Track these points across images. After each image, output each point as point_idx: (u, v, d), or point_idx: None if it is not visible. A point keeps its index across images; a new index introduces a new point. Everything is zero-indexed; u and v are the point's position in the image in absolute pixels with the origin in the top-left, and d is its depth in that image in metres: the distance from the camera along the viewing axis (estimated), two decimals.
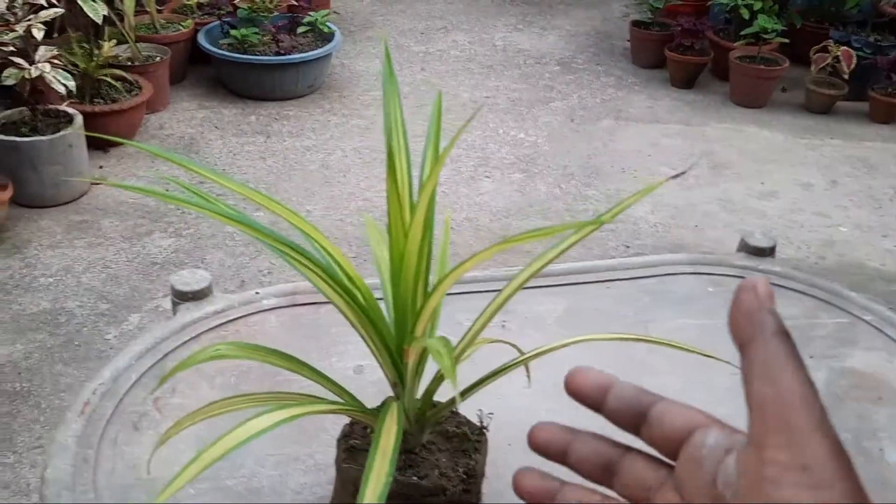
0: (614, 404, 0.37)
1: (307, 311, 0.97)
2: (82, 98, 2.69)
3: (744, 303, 0.32)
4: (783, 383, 0.30)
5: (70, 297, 2.10)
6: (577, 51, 3.83)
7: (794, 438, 0.29)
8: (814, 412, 0.29)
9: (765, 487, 0.30)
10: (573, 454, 0.38)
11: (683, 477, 0.34)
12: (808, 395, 0.30)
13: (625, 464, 0.37)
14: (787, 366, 0.30)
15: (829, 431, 0.29)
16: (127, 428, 0.79)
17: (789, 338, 0.31)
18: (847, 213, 2.64)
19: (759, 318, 0.31)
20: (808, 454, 0.29)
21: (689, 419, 0.35)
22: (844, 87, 3.25)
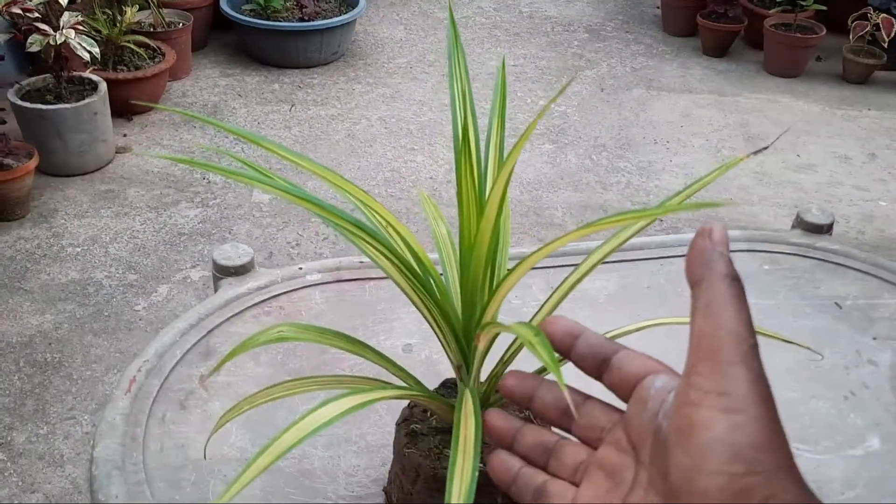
0: (581, 350, 0.40)
1: (352, 287, 0.94)
2: (105, 65, 2.66)
3: (697, 246, 0.35)
4: (720, 320, 0.33)
5: (98, 268, 2.08)
6: (605, 18, 3.75)
7: (719, 368, 0.32)
8: (741, 347, 0.32)
9: (686, 409, 0.32)
10: (538, 400, 0.42)
11: (631, 414, 0.38)
12: (740, 332, 0.32)
13: (583, 409, 0.41)
14: (727, 306, 0.33)
15: (752, 364, 0.32)
16: (174, 406, 0.76)
17: (736, 281, 0.34)
18: (887, 187, 2.58)
19: (710, 260, 0.34)
20: (728, 382, 0.32)
21: (644, 365, 0.38)
22: (883, 56, 3.16)
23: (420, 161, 2.60)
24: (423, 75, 3.14)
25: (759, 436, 0.31)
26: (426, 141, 2.71)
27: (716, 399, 0.31)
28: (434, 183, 2.49)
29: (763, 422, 0.31)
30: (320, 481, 0.72)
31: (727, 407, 0.31)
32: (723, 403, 0.31)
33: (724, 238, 0.34)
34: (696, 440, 0.31)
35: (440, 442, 0.62)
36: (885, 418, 0.81)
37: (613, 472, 0.38)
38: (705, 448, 0.31)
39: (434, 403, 0.59)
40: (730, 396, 0.31)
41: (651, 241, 1.05)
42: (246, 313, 0.89)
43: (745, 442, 0.31)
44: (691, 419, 0.32)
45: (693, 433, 0.32)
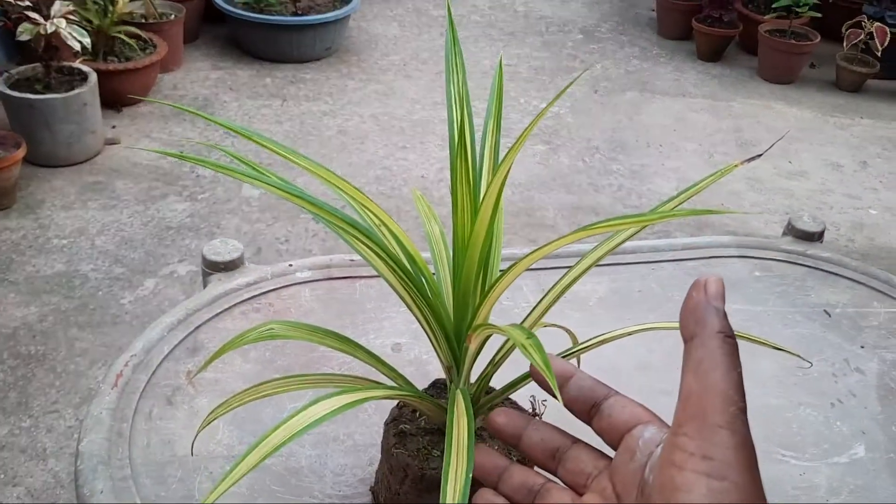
0: (572, 392, 0.40)
1: (342, 285, 0.94)
2: (95, 56, 2.64)
3: (692, 300, 0.34)
4: (709, 381, 0.32)
5: (84, 260, 2.07)
6: (600, 19, 3.75)
7: (705, 431, 0.32)
8: (729, 410, 0.32)
9: (669, 470, 0.32)
10: (525, 439, 0.42)
11: (618, 464, 0.38)
12: (728, 394, 0.32)
13: (571, 453, 0.41)
14: (718, 365, 0.32)
15: (738, 428, 0.32)
16: (161, 402, 0.76)
17: (730, 338, 0.33)
18: (877, 196, 2.59)
19: (704, 316, 0.33)
20: (712, 447, 0.31)
21: (633, 414, 0.38)
22: (876, 65, 3.18)
23: (412, 159, 2.59)
24: (416, 73, 3.13)
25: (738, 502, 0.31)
26: (418, 139, 2.70)
27: (699, 462, 0.31)
28: (425, 181, 2.48)
29: (744, 490, 0.31)
30: (307, 480, 0.71)
31: (710, 472, 0.31)
32: (705, 468, 0.31)
33: (720, 292, 0.34)
34: (677, 500, 0.32)
35: (429, 442, 0.61)
36: (871, 427, 0.81)
37: None
38: None
39: (424, 404, 0.59)
40: (713, 462, 0.31)
41: (643, 244, 1.05)
42: (235, 309, 0.88)
43: None
44: (674, 480, 0.32)
45: (675, 495, 0.32)
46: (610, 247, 0.61)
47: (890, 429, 0.82)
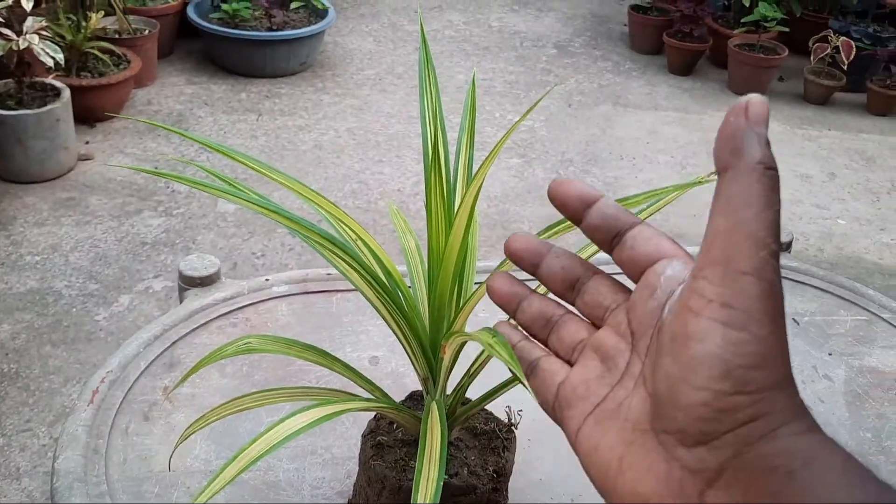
0: (594, 219, 0.36)
1: (319, 299, 0.94)
2: (68, 71, 2.62)
3: (730, 125, 0.29)
4: (739, 219, 0.28)
5: (58, 277, 2.05)
6: (574, 34, 3.79)
7: (728, 276, 0.28)
8: (758, 254, 0.28)
9: (684, 315, 0.29)
10: (545, 267, 0.38)
11: (636, 300, 0.34)
12: (760, 236, 0.28)
13: (590, 284, 0.38)
14: (753, 201, 0.28)
15: (765, 275, 0.28)
16: (137, 418, 0.76)
17: (770, 170, 0.28)
18: (845, 206, 2.64)
19: (742, 143, 0.28)
20: (734, 294, 0.28)
21: (658, 247, 0.34)
22: (843, 78, 3.24)
23: (388, 173, 2.60)
24: (391, 87, 3.15)
25: (756, 356, 0.28)
26: (394, 153, 2.71)
27: (718, 310, 0.28)
28: (402, 195, 2.49)
29: (764, 341, 0.28)
30: (285, 493, 0.71)
31: (728, 321, 0.28)
32: (724, 316, 0.28)
33: (764, 115, 0.29)
34: (688, 350, 0.29)
35: (406, 454, 0.62)
36: (840, 432, 0.83)
37: (607, 356, 0.35)
38: (696, 361, 0.29)
39: (400, 416, 0.60)
40: (733, 311, 0.28)
41: None
42: (212, 324, 0.88)
43: (739, 361, 0.28)
44: (687, 328, 0.29)
45: (687, 343, 0.29)
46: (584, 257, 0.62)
47: (857, 434, 0.84)
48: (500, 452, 0.65)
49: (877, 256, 2.41)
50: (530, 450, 0.78)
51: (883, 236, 2.50)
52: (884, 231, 2.53)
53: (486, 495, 0.63)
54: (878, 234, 2.51)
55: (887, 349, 0.97)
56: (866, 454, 0.81)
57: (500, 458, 0.65)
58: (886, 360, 0.95)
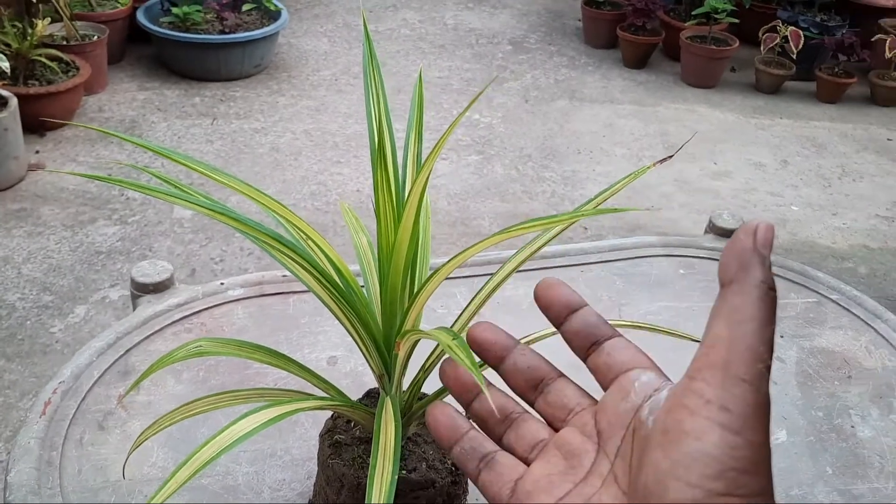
0: (576, 325, 0.38)
1: (275, 302, 0.94)
2: (15, 80, 2.57)
3: (738, 243, 0.31)
4: (741, 331, 0.30)
5: (10, 290, 2.00)
6: (528, 30, 3.82)
7: (727, 381, 0.29)
8: (756, 366, 0.29)
9: (679, 412, 0.30)
10: (510, 363, 0.39)
11: (607, 402, 0.36)
12: (758, 350, 0.30)
13: (555, 386, 0.39)
14: (754, 317, 0.30)
15: (762, 388, 0.30)
16: (92, 428, 0.74)
17: (772, 291, 0.30)
18: (798, 192, 2.70)
19: (749, 262, 0.30)
20: (733, 398, 0.29)
21: (634, 358, 0.36)
22: (793, 67, 3.31)
23: (346, 173, 2.59)
24: (348, 87, 3.14)
25: (749, 461, 0.29)
26: (352, 153, 2.70)
27: (715, 412, 0.29)
28: (360, 195, 2.48)
29: (757, 449, 0.29)
30: (245, 497, 0.71)
31: (725, 423, 0.29)
32: (722, 418, 0.29)
33: (770, 239, 0.31)
34: (682, 447, 0.30)
35: (364, 452, 0.62)
36: (792, 412, 0.85)
37: (572, 454, 0.36)
38: (691, 457, 0.29)
39: (356, 413, 0.59)
40: (731, 414, 0.29)
41: (571, 248, 1.08)
42: (166, 331, 0.87)
43: (733, 464, 0.29)
44: (683, 425, 0.30)
45: (681, 440, 0.30)
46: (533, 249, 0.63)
47: (809, 413, 0.86)
48: None
49: (829, 241, 2.46)
50: None
51: (835, 221, 2.56)
52: (835, 216, 2.59)
53: (446, 489, 0.63)
54: (830, 219, 2.57)
55: (836, 329, 0.99)
56: (818, 433, 0.83)
57: None
58: (836, 341, 0.97)
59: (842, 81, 3.28)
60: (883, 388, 0.90)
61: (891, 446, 0.82)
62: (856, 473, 0.79)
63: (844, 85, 3.29)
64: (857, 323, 1.00)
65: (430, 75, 3.29)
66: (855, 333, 0.98)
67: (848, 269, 2.33)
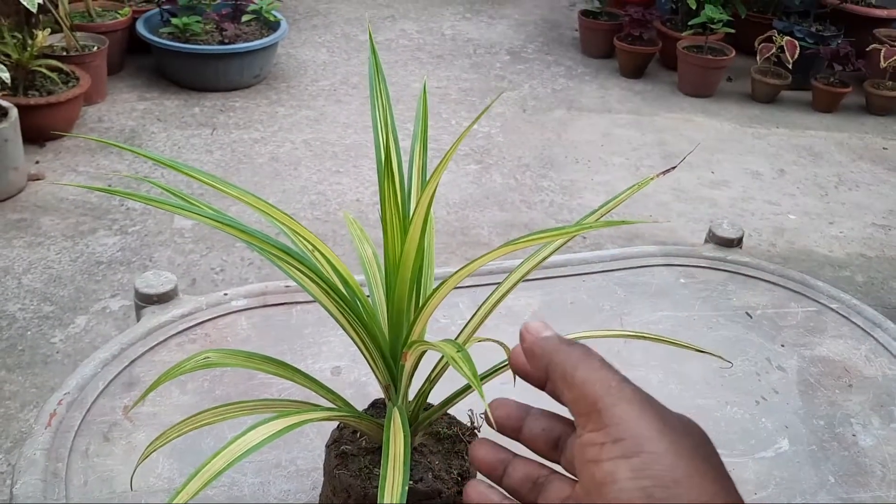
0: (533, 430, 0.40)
1: (278, 312, 0.94)
2: (15, 90, 2.57)
3: (526, 346, 0.36)
4: (579, 379, 0.33)
5: (11, 300, 2.00)
6: (526, 40, 3.83)
7: (604, 416, 0.31)
8: (611, 387, 0.32)
9: (588, 469, 0.32)
10: (526, 431, 0.40)
11: None
12: (601, 375, 0.32)
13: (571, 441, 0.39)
14: (577, 366, 0.33)
15: (630, 396, 0.31)
16: (97, 439, 0.75)
17: (571, 344, 0.34)
18: (795, 201, 2.71)
19: (542, 347, 0.35)
20: (616, 427, 0.31)
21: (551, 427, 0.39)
22: (788, 76, 3.33)
23: (346, 183, 2.60)
24: (346, 97, 3.15)
25: (666, 471, 0.30)
26: (351, 163, 2.71)
27: (612, 448, 0.31)
28: (360, 205, 2.49)
29: (667, 454, 0.30)
30: None
31: (624, 453, 0.30)
32: (619, 451, 0.30)
33: (540, 326, 0.36)
34: (606, 494, 0.31)
35: (370, 462, 0.62)
36: (794, 421, 0.85)
37: None
38: (618, 499, 0.30)
39: (363, 424, 0.60)
40: (625, 441, 0.30)
41: (573, 258, 1.08)
42: (170, 341, 0.88)
43: (652, 483, 0.30)
44: (594, 477, 0.31)
45: (602, 491, 0.31)
46: (537, 261, 0.63)
47: (811, 422, 0.86)
48: (464, 456, 0.66)
49: (826, 249, 2.47)
50: None
51: (832, 229, 2.57)
52: (832, 224, 2.60)
53: (451, 499, 0.64)
54: (827, 228, 2.58)
55: (837, 338, 0.99)
56: (820, 441, 0.84)
57: (464, 461, 0.65)
58: (836, 350, 0.97)
59: (837, 91, 3.30)
60: (883, 396, 0.90)
61: (892, 455, 0.82)
62: (857, 482, 0.79)
63: (840, 94, 3.31)
64: (857, 332, 1.00)
65: (428, 85, 3.30)
66: (855, 342, 0.99)
67: (845, 277, 2.34)
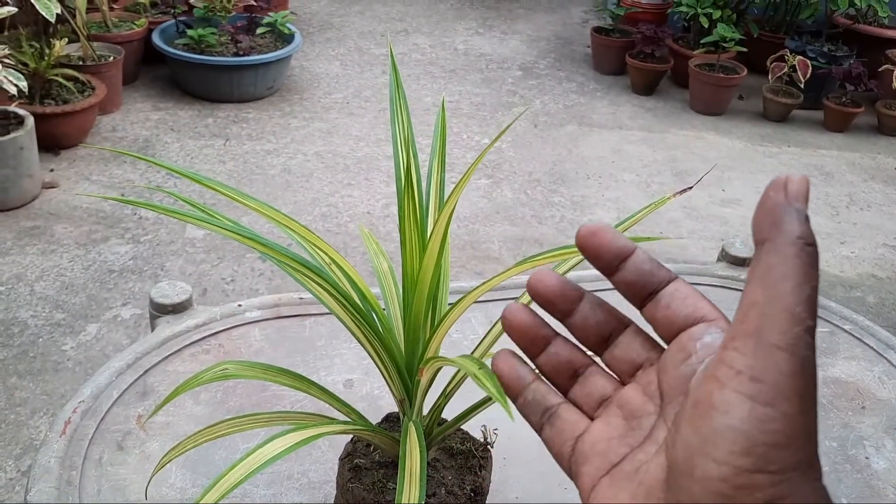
0: (630, 275, 0.34)
1: (291, 324, 0.94)
2: (32, 99, 2.60)
3: (769, 201, 0.28)
4: (777, 292, 0.27)
5: (23, 307, 2.01)
6: (538, 56, 3.85)
7: (759, 349, 0.27)
8: (793, 330, 0.27)
9: (709, 384, 0.28)
10: (578, 314, 0.36)
11: (668, 363, 0.33)
12: (796, 311, 0.27)
13: (623, 338, 0.36)
14: (790, 276, 0.27)
15: (799, 351, 0.27)
16: (111, 448, 0.75)
17: (810, 246, 0.28)
18: None
19: (782, 217, 0.28)
20: (765, 369, 0.27)
21: (695, 308, 0.33)
22: (800, 95, 3.33)
23: (357, 196, 2.61)
24: (359, 110, 3.16)
25: (781, 434, 0.27)
26: (363, 176, 2.72)
27: (746, 383, 0.27)
28: (371, 217, 2.50)
29: (792, 420, 0.27)
30: None
31: (755, 395, 0.27)
32: (752, 390, 0.27)
33: (804, 192, 0.28)
34: (710, 422, 0.28)
35: (384, 476, 0.62)
36: None
37: (633, 416, 0.34)
38: (718, 433, 0.28)
39: (378, 437, 0.60)
40: (762, 385, 0.27)
41: (586, 274, 1.08)
42: (184, 351, 0.88)
43: (763, 438, 0.27)
44: (712, 398, 0.28)
45: (709, 414, 0.28)
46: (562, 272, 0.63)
47: (823, 444, 0.86)
48: (477, 471, 0.66)
49: (838, 269, 2.46)
50: (506, 469, 0.79)
51: (843, 249, 2.56)
52: (844, 244, 2.59)
53: None
54: (838, 248, 2.57)
55: (850, 360, 0.99)
56: (833, 463, 0.83)
57: (476, 477, 0.65)
58: (849, 371, 0.97)
59: (849, 111, 3.29)
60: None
61: None
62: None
63: (852, 114, 3.30)
64: (870, 353, 1.00)
65: (440, 99, 3.32)
66: (868, 364, 0.99)
67: (856, 298, 2.33)
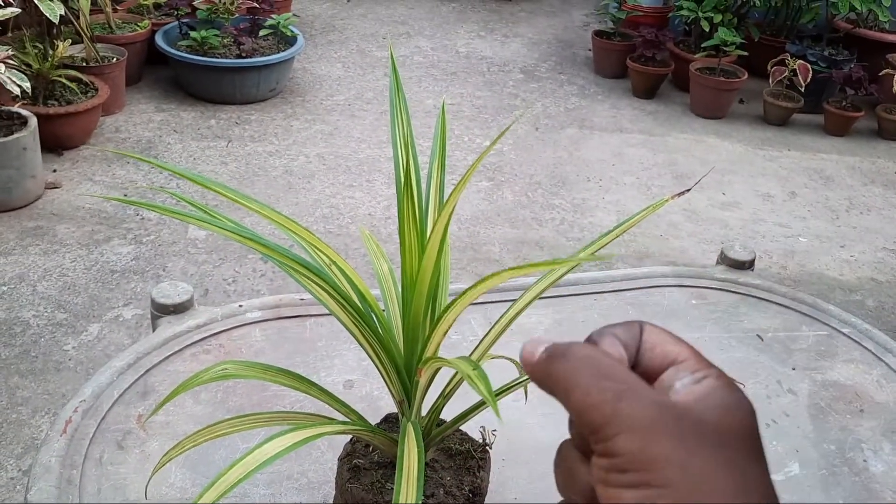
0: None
1: (292, 325, 0.95)
2: (35, 99, 2.61)
3: (528, 370, 0.34)
4: (576, 406, 0.31)
5: (25, 307, 2.02)
6: (539, 59, 3.86)
7: (607, 447, 0.30)
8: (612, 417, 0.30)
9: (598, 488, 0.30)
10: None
11: None
12: (603, 401, 0.30)
13: None
14: (572, 388, 0.31)
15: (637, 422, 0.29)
16: (111, 447, 0.76)
17: (568, 353, 0.32)
18: (806, 224, 2.71)
19: (538, 372, 0.33)
20: (622, 458, 0.29)
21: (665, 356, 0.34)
22: (800, 99, 3.34)
23: (358, 197, 2.61)
24: (361, 112, 3.17)
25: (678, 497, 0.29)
26: (364, 177, 2.73)
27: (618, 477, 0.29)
28: (373, 219, 2.51)
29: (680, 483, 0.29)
30: None
31: (630, 483, 0.29)
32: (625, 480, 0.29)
33: (531, 348, 0.34)
34: None
35: (382, 476, 0.63)
36: (804, 445, 0.86)
37: None
38: None
39: (377, 438, 0.60)
40: (629, 473, 0.29)
41: (584, 276, 1.09)
42: (185, 352, 0.89)
43: None
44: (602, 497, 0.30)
45: None
46: (551, 279, 0.64)
47: (822, 446, 0.86)
48: (476, 472, 0.66)
49: (837, 273, 2.47)
50: (504, 470, 0.79)
51: (842, 253, 2.57)
52: (843, 248, 2.59)
53: None
54: (837, 251, 2.57)
55: (848, 363, 0.99)
56: (831, 466, 0.84)
57: (475, 477, 0.66)
58: (847, 374, 0.98)
59: (849, 115, 3.30)
60: (895, 422, 0.90)
61: None
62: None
63: (852, 118, 3.31)
64: (869, 356, 1.00)
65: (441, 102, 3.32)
66: (866, 367, 0.99)
67: (856, 301, 2.33)
